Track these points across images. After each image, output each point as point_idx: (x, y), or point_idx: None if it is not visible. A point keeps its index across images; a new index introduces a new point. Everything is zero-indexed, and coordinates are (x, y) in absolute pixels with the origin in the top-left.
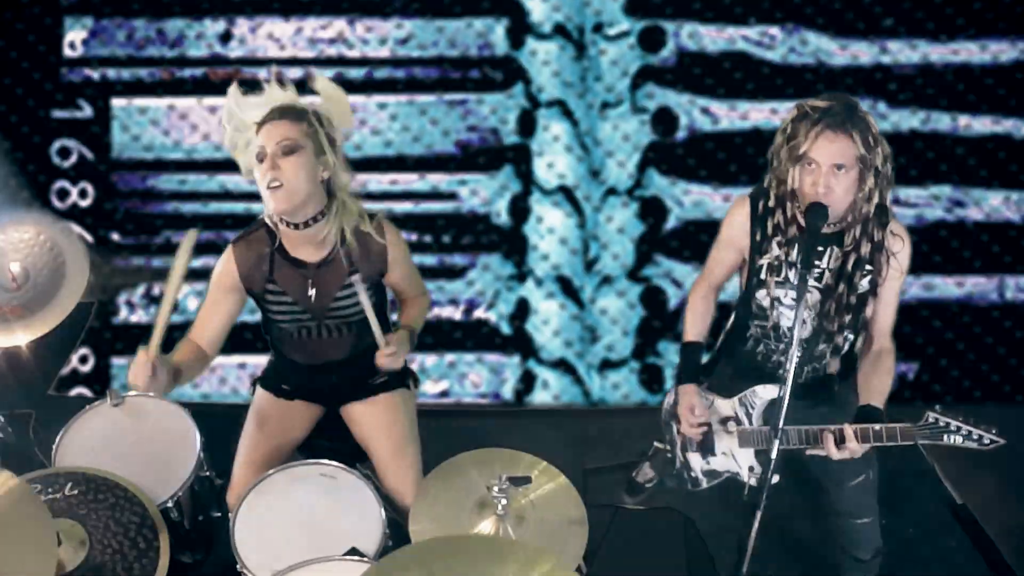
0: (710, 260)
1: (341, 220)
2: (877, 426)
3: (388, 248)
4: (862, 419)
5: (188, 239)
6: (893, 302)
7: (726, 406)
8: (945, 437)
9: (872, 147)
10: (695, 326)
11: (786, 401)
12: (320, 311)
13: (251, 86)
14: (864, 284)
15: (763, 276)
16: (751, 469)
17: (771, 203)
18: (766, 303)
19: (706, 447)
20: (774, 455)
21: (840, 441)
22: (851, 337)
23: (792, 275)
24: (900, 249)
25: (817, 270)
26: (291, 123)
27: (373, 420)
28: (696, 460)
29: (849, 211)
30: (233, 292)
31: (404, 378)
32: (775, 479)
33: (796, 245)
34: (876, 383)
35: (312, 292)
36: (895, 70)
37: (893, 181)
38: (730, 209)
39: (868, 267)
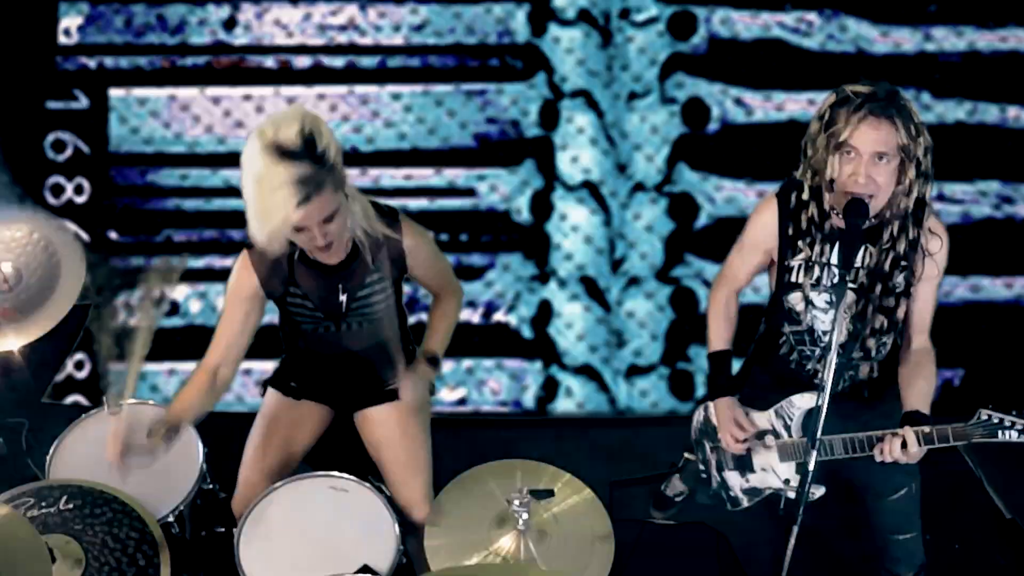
0: (731, 263)
1: (354, 217)
2: (927, 428)
3: (405, 245)
4: (909, 425)
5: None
6: (931, 301)
7: (762, 419)
8: (1000, 433)
9: (914, 137)
10: (721, 333)
11: (824, 410)
12: (344, 312)
13: (257, 77)
14: (900, 283)
15: (795, 278)
16: (787, 482)
17: (804, 195)
18: (799, 307)
19: (744, 464)
20: (811, 467)
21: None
22: (886, 341)
23: (826, 276)
24: (938, 249)
25: (848, 276)
26: (329, 193)
27: (385, 426)
28: (734, 479)
29: (887, 205)
30: (253, 300)
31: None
32: (819, 492)
33: (830, 243)
34: (920, 387)
35: (344, 298)
36: (940, 58)
37: (932, 176)
38: (756, 208)
39: (903, 264)
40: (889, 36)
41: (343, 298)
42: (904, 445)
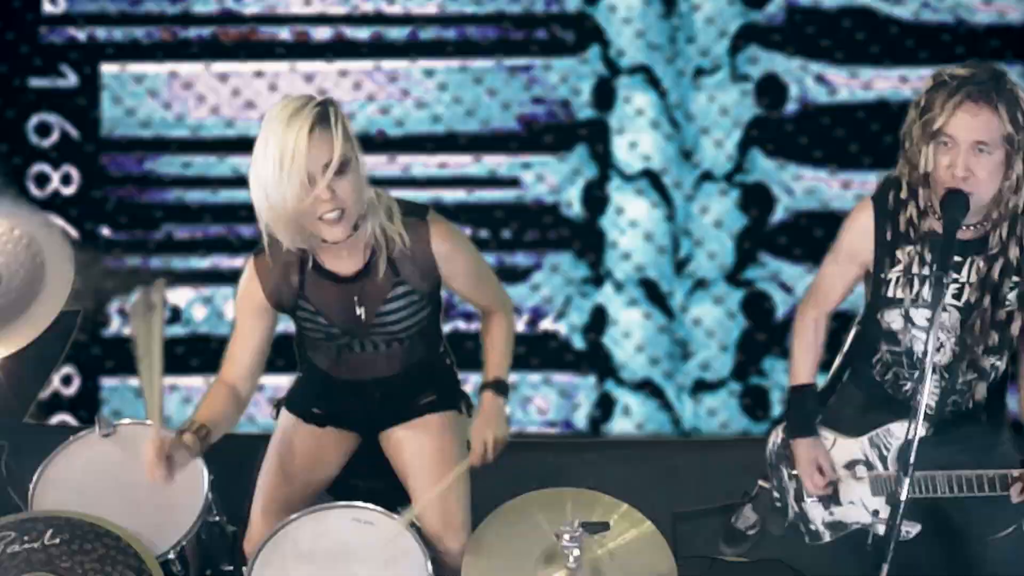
0: (823, 278)
1: (376, 216)
2: None
3: (435, 250)
4: None
5: (156, 291)
6: None
7: (854, 447)
8: None
9: (1022, 126)
10: (806, 364)
11: (916, 438)
12: (363, 329)
13: (270, 51)
14: (1012, 298)
15: (893, 293)
16: (876, 513)
17: (903, 195)
18: (897, 325)
19: (829, 496)
20: (902, 500)
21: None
22: (999, 363)
23: (927, 291)
24: None
25: (955, 285)
26: (328, 135)
27: (416, 445)
28: (816, 511)
29: (993, 205)
30: (262, 314)
31: (456, 398)
32: (914, 530)
33: (932, 253)
34: None
35: (361, 311)
36: None
37: None
38: (850, 214)
39: (1016, 277)
40: (993, 4)
41: (360, 311)
42: None
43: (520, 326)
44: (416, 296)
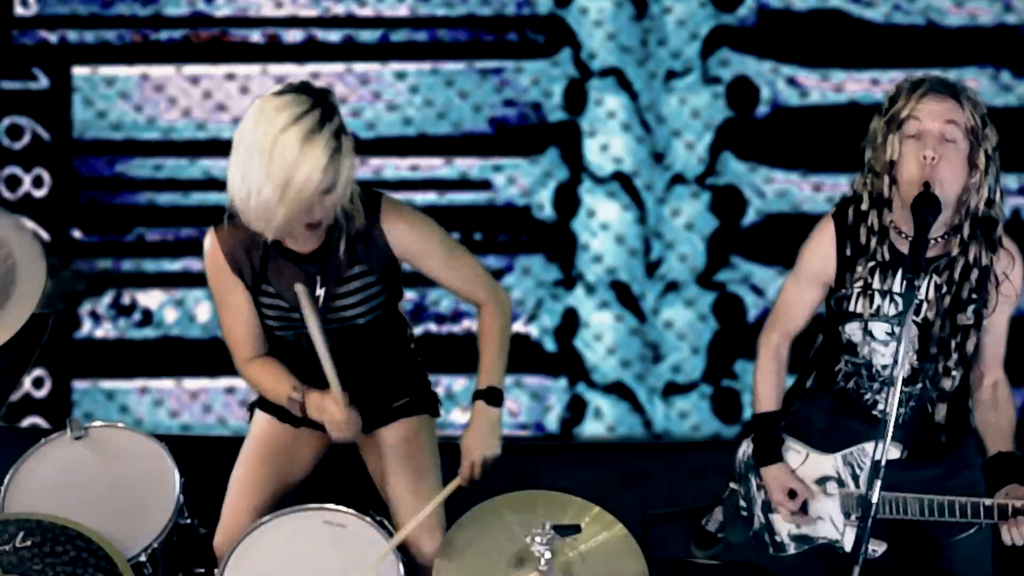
0: (785, 301)
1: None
2: (1021, 503)
3: (385, 228)
4: (998, 471)
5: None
6: (1004, 331)
7: (827, 464)
8: None
9: (982, 126)
10: (771, 390)
11: (884, 456)
12: (323, 312)
13: (241, 53)
14: (969, 315)
15: (853, 307)
16: (847, 515)
17: (864, 205)
18: (857, 338)
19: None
20: (868, 523)
21: (1000, 516)
22: (957, 375)
23: (887, 306)
24: (1010, 267)
25: (917, 282)
26: (329, 153)
27: (391, 450)
28: (783, 523)
29: (956, 209)
30: (239, 285)
31: (430, 401)
32: (880, 549)
33: (892, 269)
34: (999, 423)
35: (321, 293)
36: (1022, 31)
37: (1000, 180)
38: (811, 236)
39: (974, 295)
40: (964, 6)
41: (320, 292)
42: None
43: None
44: (372, 279)
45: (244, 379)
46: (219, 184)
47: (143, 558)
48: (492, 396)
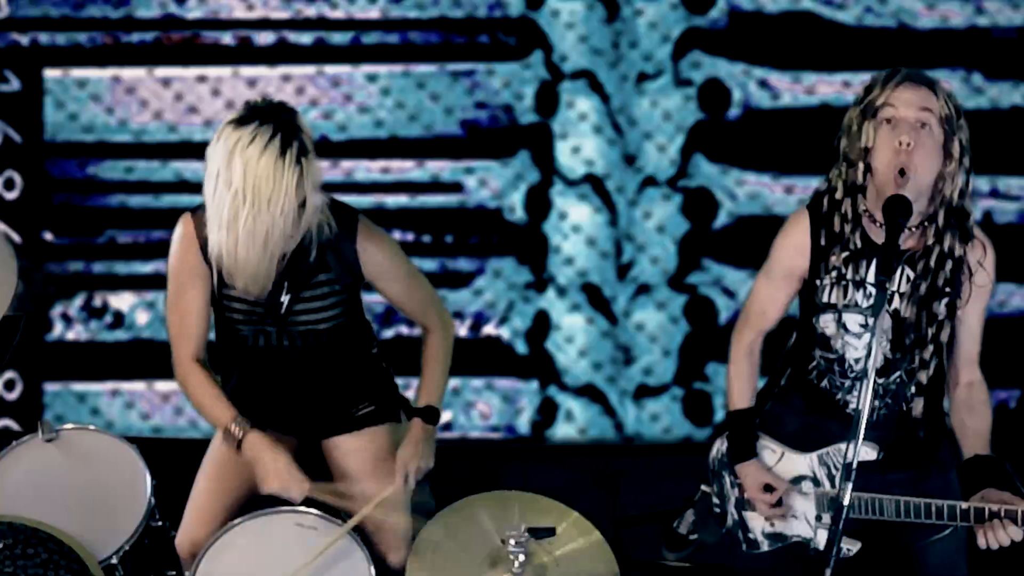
0: (757, 298)
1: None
2: (994, 506)
3: (359, 247)
4: (974, 474)
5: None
6: (978, 325)
7: (802, 463)
8: None
9: (956, 116)
10: (744, 388)
11: (857, 448)
12: (285, 315)
13: (213, 56)
14: (943, 308)
15: (827, 298)
16: (819, 517)
17: (838, 194)
18: (831, 330)
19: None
20: (840, 524)
21: (976, 520)
22: (932, 368)
23: (860, 297)
24: (983, 258)
25: (888, 284)
26: (292, 168)
27: (355, 458)
28: (756, 520)
29: (930, 199)
30: (203, 275)
31: (395, 408)
32: (854, 548)
33: (865, 259)
34: (975, 425)
35: (286, 299)
36: (994, 34)
37: (972, 172)
38: (783, 229)
39: (947, 288)
40: (936, 9)
41: (285, 299)
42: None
43: (463, 331)
44: (338, 287)
45: (179, 379)
46: (191, 186)
47: (114, 560)
48: (430, 415)
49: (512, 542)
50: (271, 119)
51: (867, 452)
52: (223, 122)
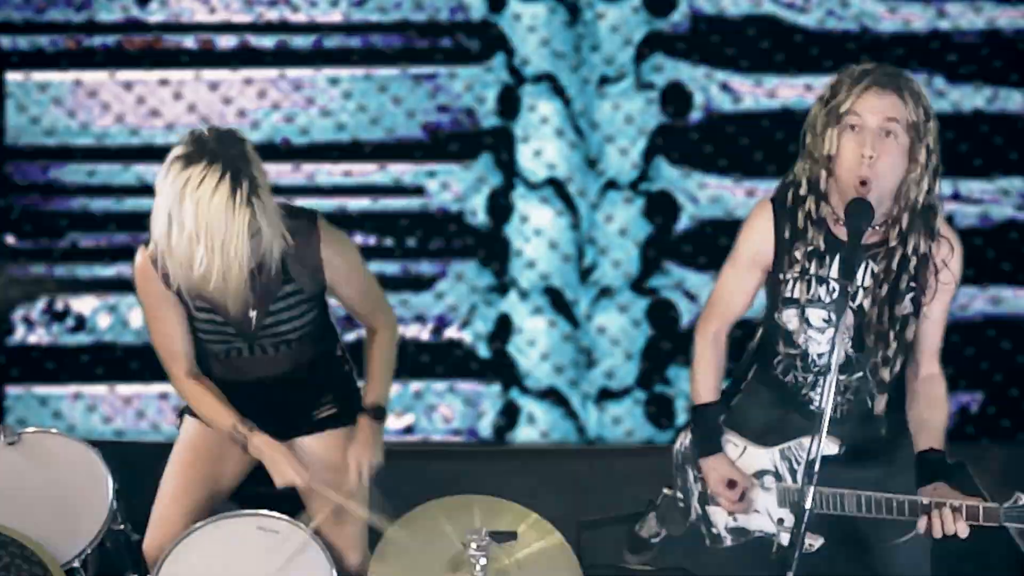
0: (723, 286)
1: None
2: (956, 502)
3: (323, 254)
4: (924, 469)
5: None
6: (942, 321)
7: (764, 457)
8: None
9: (924, 119)
10: (709, 381)
11: (820, 451)
12: (254, 328)
13: (175, 59)
14: (907, 304)
15: (791, 293)
16: (781, 522)
17: (802, 191)
18: (792, 325)
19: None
20: (805, 518)
21: (924, 511)
22: (897, 366)
23: (824, 292)
24: (949, 256)
25: (850, 288)
26: (245, 216)
27: (318, 460)
28: (719, 515)
29: (895, 200)
30: (172, 300)
31: (356, 411)
32: (817, 543)
33: (828, 255)
34: (932, 419)
35: (254, 314)
36: (956, 38)
37: (941, 171)
38: (748, 219)
39: (912, 284)
40: (897, 12)
41: (253, 314)
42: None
43: (424, 334)
44: (304, 296)
45: (179, 392)
46: (151, 190)
47: (76, 564)
48: (377, 412)
49: (473, 546)
50: (219, 156)
51: (829, 447)
52: (171, 156)
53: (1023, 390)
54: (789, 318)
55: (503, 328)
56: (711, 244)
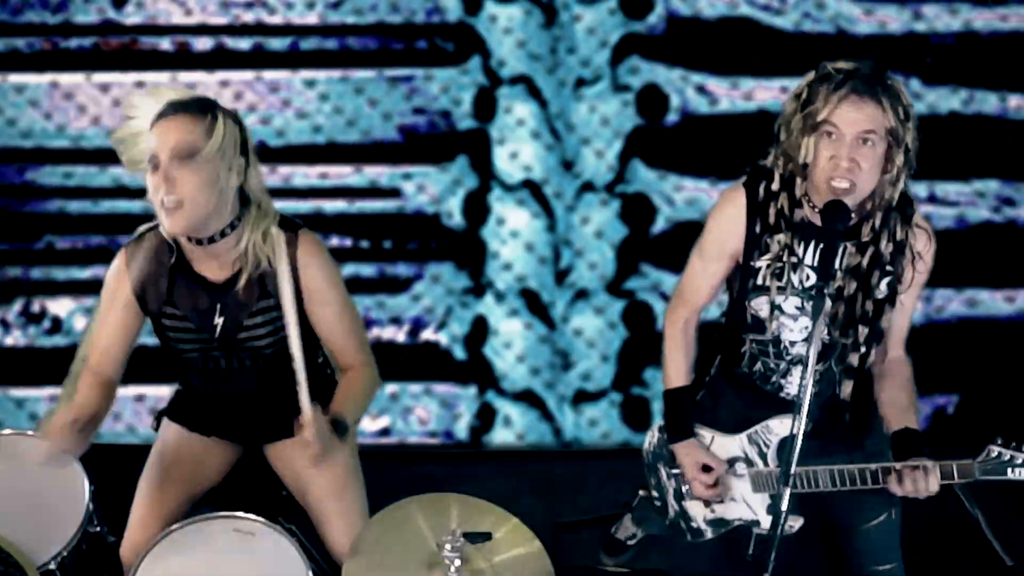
0: (692, 273)
1: (254, 231)
2: (929, 463)
3: (300, 263)
4: (902, 446)
5: None
6: (911, 308)
7: (732, 445)
8: (1010, 471)
9: (903, 120)
10: (679, 366)
11: (800, 434)
12: (229, 341)
13: (151, 61)
14: (883, 289)
15: (761, 281)
16: (757, 530)
17: (775, 185)
18: (763, 312)
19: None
20: (784, 504)
21: (898, 481)
22: (865, 353)
23: (796, 278)
24: (925, 246)
25: (827, 289)
26: (192, 119)
27: (300, 463)
28: (697, 508)
29: (870, 197)
30: (127, 309)
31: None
32: (797, 524)
33: (802, 241)
34: (903, 399)
35: (219, 321)
36: (932, 40)
37: (915, 164)
38: (718, 202)
39: (888, 269)
40: (873, 14)
41: (218, 321)
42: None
43: (400, 336)
44: (278, 312)
45: (66, 379)
46: (129, 192)
47: (53, 566)
48: (337, 425)
49: (448, 546)
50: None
51: (789, 425)
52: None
53: (999, 392)
54: (760, 305)
55: (479, 330)
56: (687, 246)
